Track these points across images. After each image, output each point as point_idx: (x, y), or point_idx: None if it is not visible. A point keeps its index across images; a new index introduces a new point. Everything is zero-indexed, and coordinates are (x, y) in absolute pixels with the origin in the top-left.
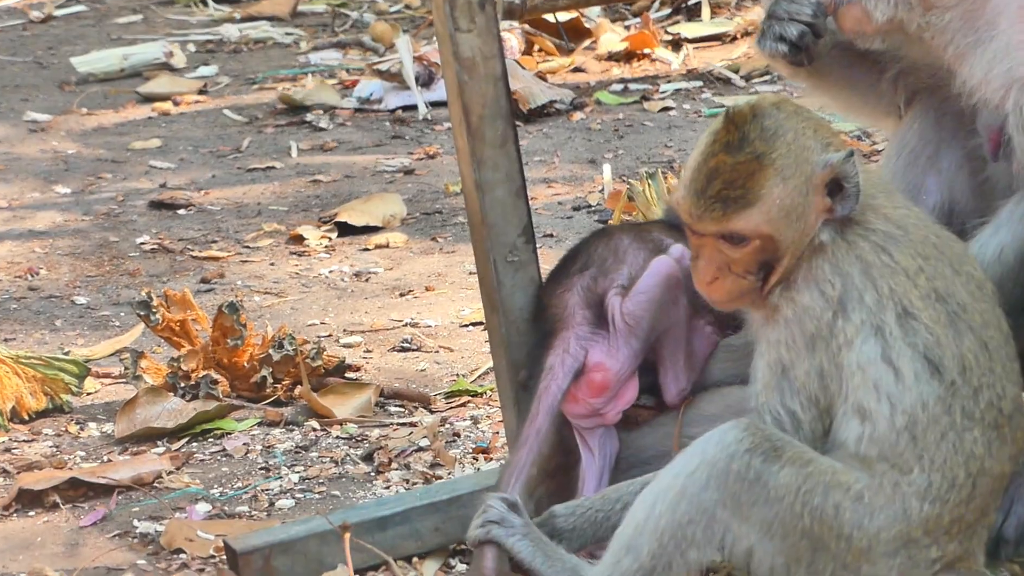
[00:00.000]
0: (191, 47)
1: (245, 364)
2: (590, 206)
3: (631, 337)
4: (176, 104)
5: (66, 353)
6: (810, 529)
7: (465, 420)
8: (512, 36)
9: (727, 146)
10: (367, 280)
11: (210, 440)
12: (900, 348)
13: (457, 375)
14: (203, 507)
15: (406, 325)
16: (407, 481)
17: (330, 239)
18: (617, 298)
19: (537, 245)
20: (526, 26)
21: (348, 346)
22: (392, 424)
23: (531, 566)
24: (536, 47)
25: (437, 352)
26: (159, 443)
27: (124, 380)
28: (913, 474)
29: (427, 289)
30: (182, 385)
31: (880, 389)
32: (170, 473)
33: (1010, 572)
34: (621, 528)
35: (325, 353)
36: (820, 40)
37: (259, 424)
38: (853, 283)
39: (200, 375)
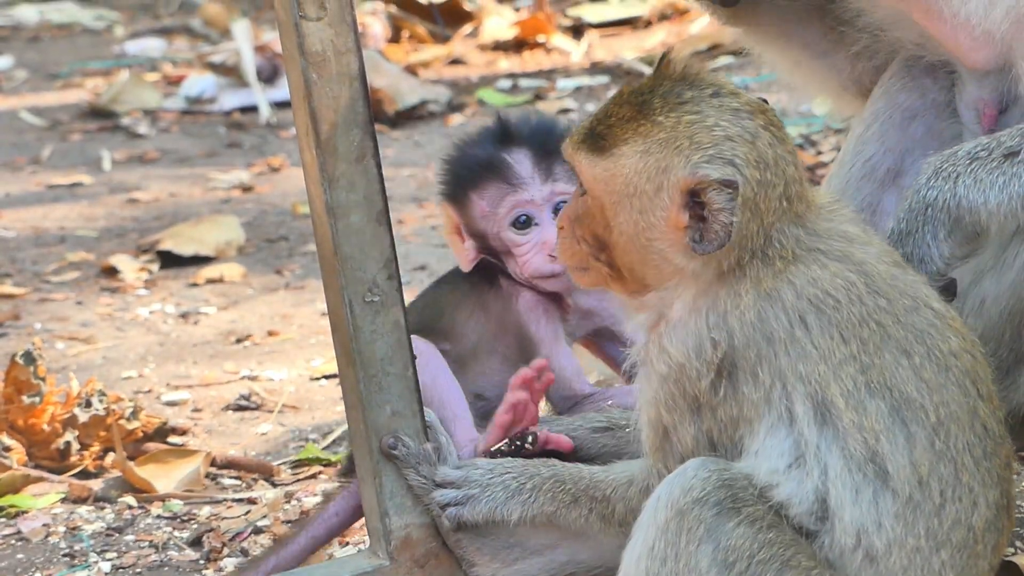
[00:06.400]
0: None
1: (45, 426)
2: None
3: None
4: None
5: None
6: None
7: (315, 495)
8: (375, 21)
9: (639, 87)
10: (196, 323)
11: (1, 520)
12: (825, 450)
13: (306, 440)
14: None
15: (244, 378)
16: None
17: (150, 272)
18: None
19: (405, 281)
20: (392, 8)
21: (172, 404)
22: (226, 500)
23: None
24: (405, 34)
25: (282, 412)
26: None
27: None
28: None
29: (270, 334)
30: None
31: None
32: None
33: None
34: None
35: (144, 413)
36: None
37: (62, 500)
38: (743, 351)
39: None
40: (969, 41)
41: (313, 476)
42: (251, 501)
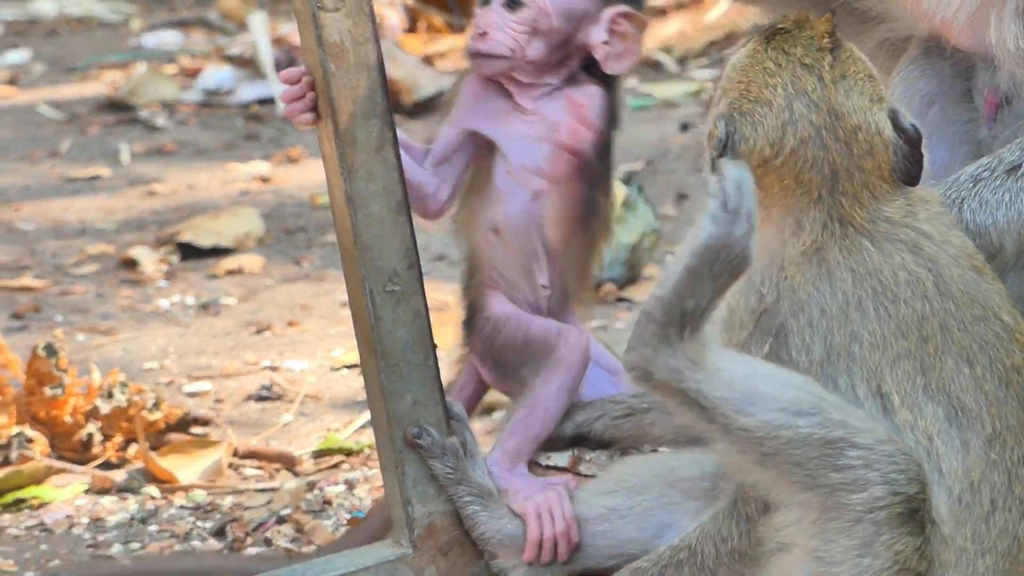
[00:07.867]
0: None
1: (67, 418)
2: None
3: None
4: None
5: None
6: None
7: (338, 484)
8: (392, 12)
9: (801, 20)
10: (216, 314)
11: (25, 511)
12: None
13: (327, 430)
14: None
15: (265, 369)
16: (266, 560)
17: (170, 264)
18: None
19: (425, 271)
20: None
21: (194, 395)
22: (248, 490)
23: None
24: (422, 25)
25: (303, 402)
26: None
27: None
28: None
29: (290, 325)
30: None
31: None
32: None
33: None
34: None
35: (165, 404)
36: None
37: (85, 491)
38: (792, 315)
39: (11, 432)
40: (950, 26)
41: (335, 466)
42: (273, 491)
